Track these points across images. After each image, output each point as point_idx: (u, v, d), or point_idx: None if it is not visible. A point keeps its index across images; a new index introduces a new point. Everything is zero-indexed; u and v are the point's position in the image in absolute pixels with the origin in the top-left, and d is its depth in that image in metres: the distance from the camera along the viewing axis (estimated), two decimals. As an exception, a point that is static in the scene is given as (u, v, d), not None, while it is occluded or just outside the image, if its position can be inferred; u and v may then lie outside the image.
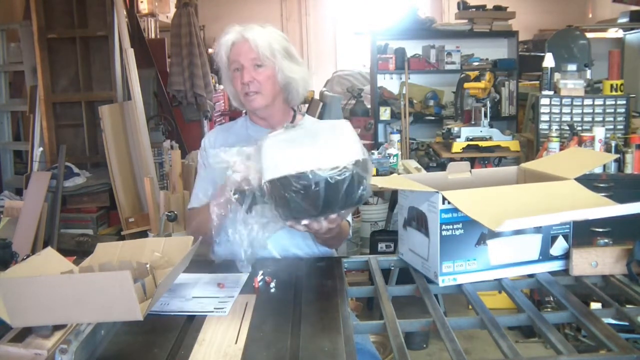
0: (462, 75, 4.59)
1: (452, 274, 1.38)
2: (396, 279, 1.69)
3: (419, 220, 1.45)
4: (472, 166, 1.64)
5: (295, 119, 1.91)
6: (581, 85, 3.49)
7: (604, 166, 3.23)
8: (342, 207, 1.36)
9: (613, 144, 3.25)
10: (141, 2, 6.71)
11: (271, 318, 1.27)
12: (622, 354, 1.04)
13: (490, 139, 4.30)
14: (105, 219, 4.10)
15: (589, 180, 2.62)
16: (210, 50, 6.84)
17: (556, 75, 3.56)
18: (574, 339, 2.82)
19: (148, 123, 4.18)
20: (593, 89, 3.61)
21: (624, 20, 5.21)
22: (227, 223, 1.50)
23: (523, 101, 5.39)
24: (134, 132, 4.06)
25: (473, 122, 4.41)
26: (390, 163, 3.51)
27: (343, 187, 1.30)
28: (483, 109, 4.31)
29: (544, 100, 3.52)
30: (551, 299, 2.94)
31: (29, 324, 1.10)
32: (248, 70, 1.75)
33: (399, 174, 3.36)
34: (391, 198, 3.94)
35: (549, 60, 3.57)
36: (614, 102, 3.45)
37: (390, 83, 5.83)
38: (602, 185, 3.16)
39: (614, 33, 5.82)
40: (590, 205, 1.31)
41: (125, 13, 4.46)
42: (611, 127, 3.42)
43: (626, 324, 1.21)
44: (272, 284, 1.46)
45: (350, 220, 1.85)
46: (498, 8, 5.62)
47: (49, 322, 1.11)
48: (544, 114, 3.52)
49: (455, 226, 1.37)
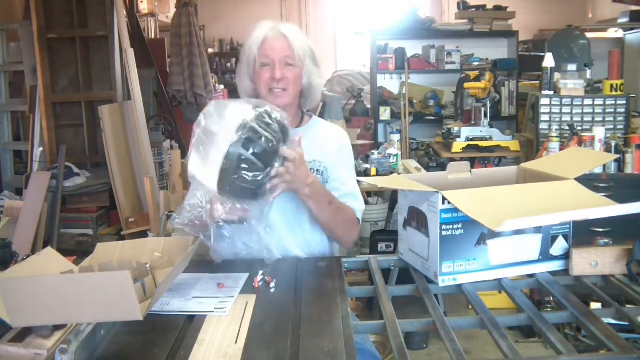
0: (462, 75, 4.59)
1: (452, 274, 1.38)
2: (396, 279, 1.69)
3: (419, 220, 1.45)
4: (472, 166, 1.64)
5: (303, 120, 1.91)
6: (581, 85, 3.49)
7: (604, 166, 3.23)
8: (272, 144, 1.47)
9: (613, 144, 3.25)
10: (141, 2, 6.71)
11: (271, 318, 1.26)
12: (622, 354, 1.04)
13: (490, 139, 4.30)
14: (105, 219, 4.10)
15: (589, 180, 2.62)
16: (210, 50, 6.85)
17: (556, 75, 3.56)
18: (574, 339, 2.82)
19: (148, 123, 4.18)
20: (593, 89, 3.62)
21: (624, 20, 5.22)
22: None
23: (523, 101, 5.39)
24: (134, 132, 4.06)
25: (473, 122, 4.41)
26: (390, 163, 3.51)
27: (256, 139, 1.43)
28: (483, 109, 4.32)
29: (544, 100, 3.52)
30: (551, 299, 2.94)
31: (29, 324, 1.10)
32: (279, 66, 1.74)
33: (399, 174, 3.36)
34: (391, 198, 3.94)
35: (549, 60, 3.57)
36: (614, 102, 3.45)
37: (390, 83, 5.83)
38: (602, 185, 3.16)
39: (614, 33, 5.82)
40: (590, 205, 1.31)
41: (125, 13, 4.46)
42: (611, 127, 3.42)
43: (626, 324, 1.21)
44: (272, 284, 1.46)
45: (357, 206, 1.84)
46: (498, 8, 5.62)
47: (49, 322, 1.11)
48: (544, 114, 3.52)
49: (455, 226, 1.37)
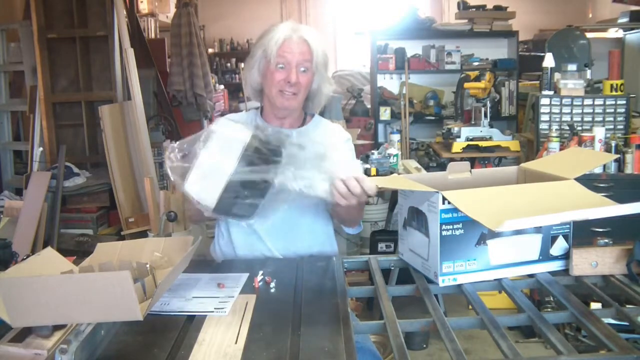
0: (462, 75, 4.59)
1: (452, 274, 1.38)
2: (396, 279, 1.69)
3: (419, 220, 1.45)
4: (472, 166, 1.64)
5: (305, 121, 1.91)
6: (581, 85, 3.49)
7: (604, 166, 3.23)
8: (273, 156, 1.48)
9: (613, 144, 3.25)
10: (141, 2, 6.71)
11: (271, 318, 1.27)
12: (622, 354, 1.04)
13: (490, 139, 4.30)
14: (105, 219, 4.10)
15: (589, 180, 2.62)
16: (210, 50, 6.84)
17: (556, 75, 3.56)
18: (574, 339, 2.82)
19: (148, 123, 4.18)
20: (593, 89, 3.62)
21: (624, 20, 5.21)
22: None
23: (523, 101, 5.39)
24: (134, 132, 4.06)
25: (473, 122, 4.41)
26: (390, 163, 3.51)
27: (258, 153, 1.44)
28: (483, 109, 4.31)
29: (544, 100, 3.52)
30: (551, 299, 2.94)
31: (29, 324, 1.10)
32: (295, 70, 1.72)
33: (399, 174, 3.36)
34: (391, 198, 3.94)
35: (549, 60, 3.57)
36: (614, 102, 3.45)
37: (390, 83, 5.83)
38: (602, 185, 3.16)
39: (614, 33, 5.81)
40: (590, 205, 1.31)
41: (125, 13, 4.46)
42: (611, 127, 3.42)
43: (626, 324, 1.21)
44: (272, 284, 1.46)
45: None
46: (498, 8, 5.62)
47: (49, 322, 1.11)
48: (544, 114, 3.52)
49: (455, 226, 1.37)
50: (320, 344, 1.13)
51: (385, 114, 5.60)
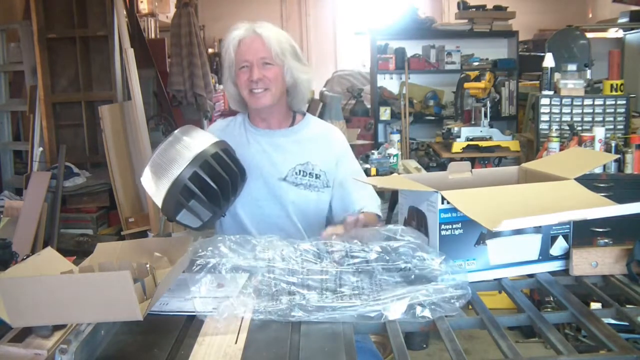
0: (462, 75, 4.59)
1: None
2: (396, 279, 1.68)
3: (418, 220, 1.45)
4: (472, 166, 1.64)
5: (295, 120, 1.88)
6: (581, 85, 3.50)
7: (604, 166, 3.23)
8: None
9: (613, 144, 3.25)
10: (141, 2, 6.70)
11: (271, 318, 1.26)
12: (622, 354, 1.04)
13: (490, 139, 4.30)
14: (105, 219, 4.10)
15: (589, 180, 2.61)
16: (210, 50, 6.83)
17: (556, 75, 3.56)
18: (574, 339, 2.82)
19: (148, 123, 4.18)
20: (593, 89, 3.62)
21: (624, 20, 5.21)
22: None
23: (523, 101, 5.39)
24: (134, 132, 4.06)
25: (473, 122, 4.41)
26: (390, 163, 3.52)
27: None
28: (483, 109, 4.32)
29: (544, 100, 3.52)
30: (551, 299, 2.94)
31: (29, 324, 1.10)
32: (257, 67, 1.71)
33: (399, 174, 3.36)
34: (391, 198, 3.93)
35: (549, 60, 3.57)
36: (614, 102, 3.45)
37: (390, 83, 5.84)
38: (602, 185, 3.16)
39: (614, 33, 5.81)
40: (590, 205, 1.31)
41: (125, 13, 4.46)
42: (611, 127, 3.43)
43: (626, 324, 1.21)
44: (272, 284, 1.45)
45: (375, 204, 1.84)
46: (498, 8, 5.63)
47: (49, 322, 1.11)
48: (544, 114, 3.52)
49: (454, 226, 1.36)
50: (320, 344, 1.13)
51: (385, 114, 5.60)
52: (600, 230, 2.87)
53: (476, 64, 5.51)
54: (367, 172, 3.41)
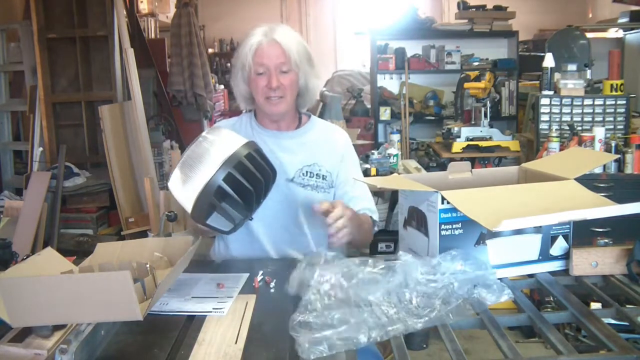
0: (462, 75, 4.59)
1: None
2: (396, 279, 1.68)
3: (418, 220, 1.45)
4: (472, 166, 1.64)
5: (301, 122, 1.89)
6: (581, 85, 3.50)
7: (604, 166, 3.23)
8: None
9: (613, 144, 3.25)
10: (141, 2, 6.71)
11: (271, 318, 1.26)
12: (622, 354, 1.04)
13: (490, 139, 4.30)
14: (105, 219, 4.10)
15: (589, 180, 2.61)
16: (210, 50, 6.83)
17: (556, 75, 3.56)
18: (574, 339, 2.82)
19: (148, 123, 4.18)
20: (593, 89, 3.62)
21: (624, 20, 5.21)
22: None
23: (523, 101, 5.39)
24: (134, 132, 4.06)
25: (473, 122, 4.41)
26: (390, 163, 3.51)
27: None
28: (483, 109, 4.32)
29: (544, 100, 3.52)
30: (551, 299, 2.94)
31: (29, 324, 1.10)
32: (275, 74, 1.71)
33: (399, 174, 3.36)
34: (391, 198, 3.94)
35: (549, 60, 3.57)
36: (614, 102, 3.45)
37: (390, 83, 5.83)
38: (602, 185, 3.16)
39: (614, 33, 5.81)
40: (590, 205, 1.31)
41: (125, 13, 4.46)
42: (611, 127, 3.43)
43: (626, 324, 1.21)
44: (272, 284, 1.46)
45: (371, 207, 1.84)
46: (498, 8, 5.62)
47: (49, 322, 1.11)
48: (544, 114, 3.52)
49: (454, 226, 1.37)
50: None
51: (385, 114, 5.60)
52: (600, 230, 2.87)
53: (476, 64, 5.51)
54: (367, 172, 3.41)
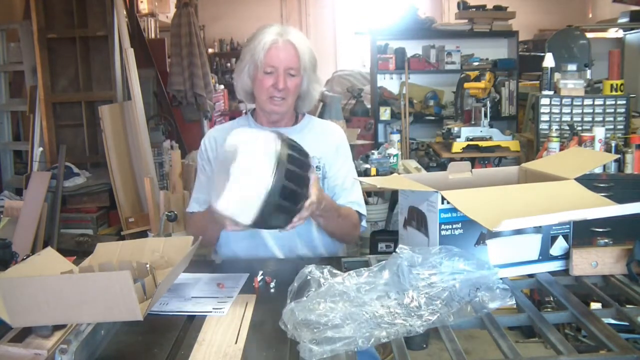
0: (462, 75, 4.59)
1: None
2: (396, 279, 1.68)
3: (418, 220, 1.45)
4: (472, 166, 1.64)
5: (297, 120, 1.92)
6: (581, 85, 3.49)
7: (604, 166, 3.23)
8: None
9: (613, 144, 3.25)
10: (141, 2, 6.71)
11: (271, 318, 1.26)
12: (622, 354, 1.04)
13: (490, 139, 4.30)
14: (105, 219, 4.10)
15: (589, 180, 2.62)
16: (210, 50, 6.83)
17: (556, 75, 3.56)
18: (574, 339, 2.82)
19: (148, 123, 4.18)
20: (593, 89, 3.62)
21: (624, 20, 5.21)
22: None
23: (523, 101, 5.39)
24: (134, 132, 4.06)
25: (473, 122, 4.41)
26: (390, 163, 3.51)
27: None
28: (483, 109, 4.32)
29: (544, 100, 3.52)
30: (551, 299, 2.94)
31: (29, 324, 1.10)
32: (283, 76, 1.72)
33: (399, 174, 3.36)
34: (391, 198, 3.94)
35: (549, 60, 3.57)
36: (614, 102, 3.45)
37: (390, 83, 5.83)
38: (602, 185, 3.16)
39: (614, 33, 5.82)
40: (590, 205, 1.31)
41: (125, 13, 4.46)
42: (611, 127, 3.42)
43: (626, 324, 1.21)
44: (272, 284, 1.46)
45: (358, 201, 1.85)
46: (498, 8, 5.63)
47: (49, 322, 1.11)
48: (544, 114, 3.52)
49: (454, 226, 1.36)
50: (320, 344, 1.12)
51: (385, 114, 5.60)
52: (600, 230, 2.87)
53: (476, 64, 5.51)
54: (367, 172, 3.41)
